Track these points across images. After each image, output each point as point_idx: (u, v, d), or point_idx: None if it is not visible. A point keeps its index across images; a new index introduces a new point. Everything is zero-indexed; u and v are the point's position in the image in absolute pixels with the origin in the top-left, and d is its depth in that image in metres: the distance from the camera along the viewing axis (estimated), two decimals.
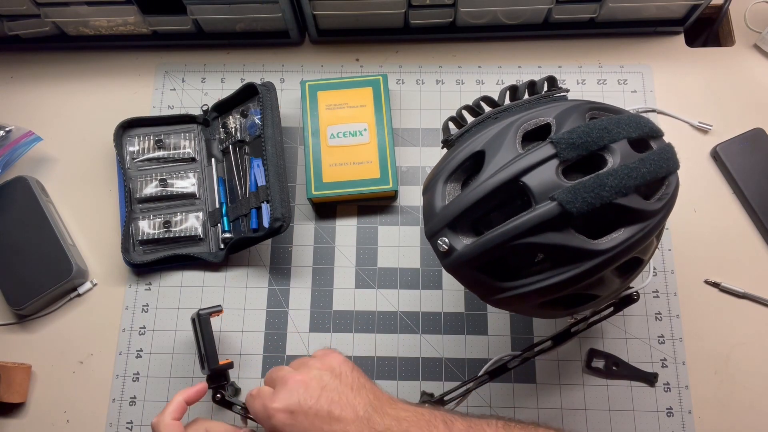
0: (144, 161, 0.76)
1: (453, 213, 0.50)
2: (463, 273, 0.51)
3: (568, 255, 0.47)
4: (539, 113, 0.50)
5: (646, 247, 0.50)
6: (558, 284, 0.47)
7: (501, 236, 0.47)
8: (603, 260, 0.47)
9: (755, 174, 0.73)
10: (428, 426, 0.48)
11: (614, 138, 0.47)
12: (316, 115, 0.76)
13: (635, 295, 0.61)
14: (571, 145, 0.46)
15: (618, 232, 0.47)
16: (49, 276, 0.70)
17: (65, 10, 0.77)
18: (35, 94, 0.82)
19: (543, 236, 0.46)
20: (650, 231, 0.48)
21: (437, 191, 0.52)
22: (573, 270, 0.47)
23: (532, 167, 0.47)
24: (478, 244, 0.48)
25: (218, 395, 0.62)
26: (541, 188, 0.46)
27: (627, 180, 0.46)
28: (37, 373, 0.70)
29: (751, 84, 0.79)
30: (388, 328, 0.71)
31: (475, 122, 0.53)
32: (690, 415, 0.67)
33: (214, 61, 0.83)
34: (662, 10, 0.79)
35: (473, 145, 0.51)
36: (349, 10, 0.77)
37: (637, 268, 0.52)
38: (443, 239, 0.50)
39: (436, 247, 0.51)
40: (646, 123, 0.50)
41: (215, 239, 0.74)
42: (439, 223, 0.51)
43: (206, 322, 0.64)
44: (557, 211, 0.45)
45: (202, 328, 0.64)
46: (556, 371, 0.69)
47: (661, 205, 0.49)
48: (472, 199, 0.48)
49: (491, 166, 0.48)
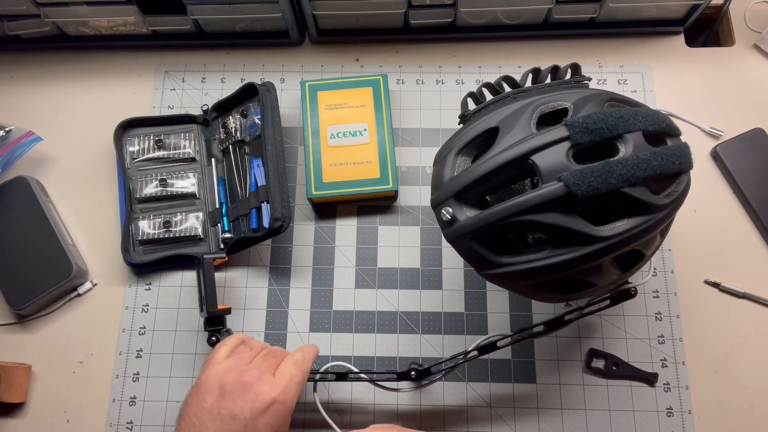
0: (144, 161, 0.76)
1: (460, 184, 0.50)
2: (463, 244, 0.51)
3: (568, 237, 0.47)
4: (558, 97, 0.50)
5: (649, 242, 0.50)
6: (554, 265, 0.48)
7: (504, 211, 0.47)
8: (602, 247, 0.47)
9: (755, 174, 0.73)
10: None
11: (629, 128, 0.47)
12: (316, 115, 0.76)
13: (633, 290, 0.60)
14: (584, 129, 0.47)
15: (622, 221, 0.47)
16: (49, 276, 0.70)
17: (65, 10, 0.77)
18: (35, 94, 0.82)
19: (545, 215, 0.46)
20: (654, 225, 0.48)
21: (448, 162, 0.52)
22: (571, 253, 0.47)
23: (543, 147, 0.47)
24: (481, 216, 0.49)
25: (213, 338, 0.64)
26: (550, 168, 0.46)
27: (636, 170, 0.46)
28: (37, 373, 0.70)
29: (751, 84, 0.79)
30: (388, 328, 0.71)
31: (493, 100, 0.54)
32: (690, 415, 0.67)
33: (214, 61, 0.83)
34: (662, 10, 0.79)
35: (488, 121, 0.51)
36: (349, 10, 0.77)
37: (638, 263, 0.52)
38: (447, 209, 0.51)
39: (439, 216, 0.52)
40: (664, 119, 0.50)
41: (215, 239, 0.74)
42: (445, 193, 0.51)
43: (209, 266, 0.65)
44: (562, 191, 0.45)
45: (204, 272, 0.65)
46: (556, 371, 0.69)
47: (669, 201, 0.48)
48: (480, 173, 0.49)
49: (503, 142, 0.49)
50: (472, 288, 0.72)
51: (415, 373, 0.63)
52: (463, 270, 0.73)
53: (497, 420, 0.67)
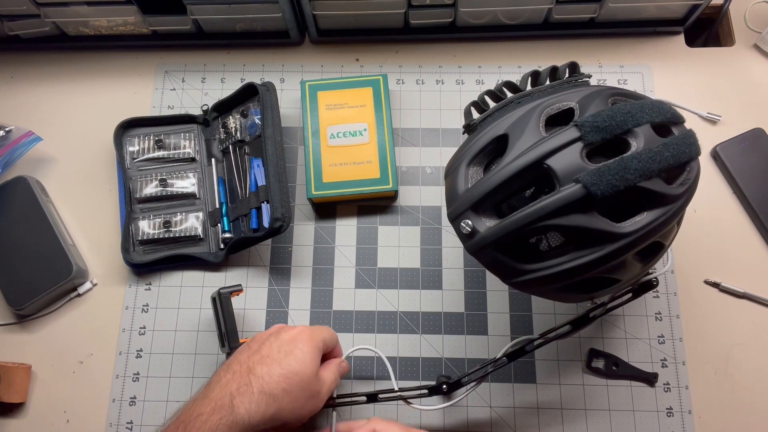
0: (144, 161, 0.76)
1: (476, 195, 0.50)
2: (486, 255, 0.51)
3: (591, 237, 0.47)
4: (562, 98, 0.50)
5: (668, 232, 0.50)
6: (580, 267, 0.48)
7: (525, 218, 0.47)
8: (626, 243, 0.47)
9: (755, 174, 0.73)
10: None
11: (638, 122, 0.47)
12: (316, 115, 0.76)
13: (655, 281, 0.60)
14: (595, 128, 0.47)
15: (641, 215, 0.47)
16: (49, 276, 0.70)
17: (65, 10, 0.77)
18: (35, 94, 0.82)
19: (567, 218, 0.46)
20: (672, 215, 0.48)
21: (460, 174, 0.52)
22: (596, 253, 0.47)
23: (557, 150, 0.47)
24: (502, 226, 0.48)
25: None
26: (566, 171, 0.46)
27: (651, 163, 0.46)
28: (37, 373, 0.70)
29: (751, 84, 0.79)
30: (388, 328, 0.71)
31: (497, 107, 0.54)
32: (690, 415, 0.67)
33: (214, 61, 0.83)
34: (662, 10, 0.79)
35: (496, 129, 0.51)
36: (349, 10, 0.77)
37: (658, 253, 0.52)
38: (466, 221, 0.50)
39: (458, 229, 0.51)
40: (668, 109, 0.50)
41: (215, 239, 0.74)
42: (462, 205, 0.51)
43: (227, 300, 0.65)
44: (582, 193, 0.45)
45: (222, 306, 0.65)
46: (556, 371, 0.69)
47: (683, 189, 0.49)
48: (496, 182, 0.49)
49: (515, 149, 0.49)
50: (472, 288, 0.72)
51: (447, 387, 0.62)
52: (463, 270, 0.73)
53: (497, 420, 0.67)
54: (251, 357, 0.56)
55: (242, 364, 0.55)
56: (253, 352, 0.56)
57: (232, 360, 0.57)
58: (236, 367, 0.55)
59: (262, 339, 0.58)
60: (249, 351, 0.57)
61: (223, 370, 0.55)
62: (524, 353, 0.62)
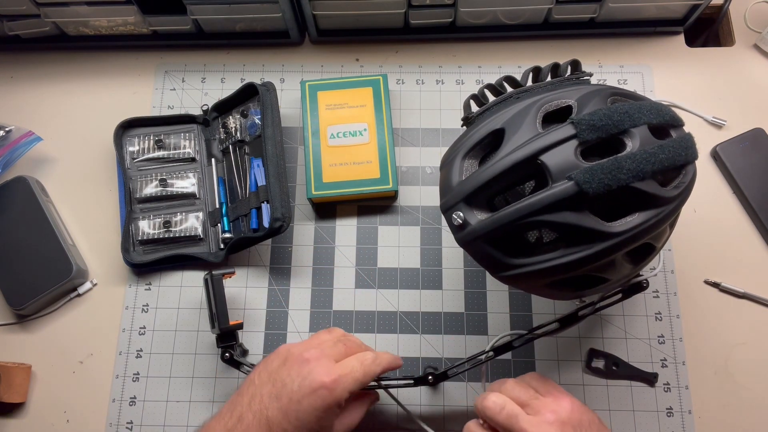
0: (144, 161, 0.76)
1: (469, 188, 0.50)
2: (475, 247, 0.51)
3: (581, 235, 0.47)
4: (561, 95, 0.50)
5: (659, 234, 0.50)
6: (569, 264, 0.48)
7: (516, 213, 0.47)
8: (616, 243, 0.47)
9: (755, 174, 0.73)
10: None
11: (635, 123, 0.47)
12: (316, 115, 0.76)
13: (645, 282, 0.60)
14: (591, 126, 0.47)
15: (632, 216, 0.47)
16: (49, 276, 0.70)
17: (65, 10, 0.77)
18: (35, 94, 0.82)
19: (558, 215, 0.46)
20: (664, 218, 0.48)
21: (455, 166, 0.52)
22: (585, 251, 0.47)
23: (551, 146, 0.47)
24: (493, 219, 0.49)
25: (227, 354, 0.64)
26: (559, 167, 0.46)
27: (645, 165, 0.46)
28: (37, 373, 0.70)
29: (751, 84, 0.79)
30: (388, 328, 0.71)
31: (496, 101, 0.54)
32: (690, 415, 0.67)
33: (214, 61, 0.83)
34: (662, 10, 0.79)
35: (493, 123, 0.51)
36: (349, 10, 0.77)
37: (649, 255, 0.52)
38: (458, 213, 0.51)
39: (450, 220, 0.52)
40: (667, 111, 0.50)
41: (215, 239, 0.74)
42: (454, 197, 0.51)
43: (218, 282, 0.65)
44: (574, 190, 0.45)
45: (214, 288, 0.65)
46: (556, 371, 0.69)
47: (677, 192, 0.49)
48: (490, 175, 0.49)
49: (510, 143, 0.49)
50: (472, 288, 0.72)
51: (433, 378, 0.63)
52: (463, 270, 0.73)
53: None
54: (270, 391, 0.54)
55: (263, 399, 0.53)
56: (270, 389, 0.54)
57: (253, 377, 0.55)
58: (257, 402, 0.53)
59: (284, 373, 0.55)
60: (269, 385, 0.54)
61: (245, 402, 0.54)
62: (512, 348, 0.62)
